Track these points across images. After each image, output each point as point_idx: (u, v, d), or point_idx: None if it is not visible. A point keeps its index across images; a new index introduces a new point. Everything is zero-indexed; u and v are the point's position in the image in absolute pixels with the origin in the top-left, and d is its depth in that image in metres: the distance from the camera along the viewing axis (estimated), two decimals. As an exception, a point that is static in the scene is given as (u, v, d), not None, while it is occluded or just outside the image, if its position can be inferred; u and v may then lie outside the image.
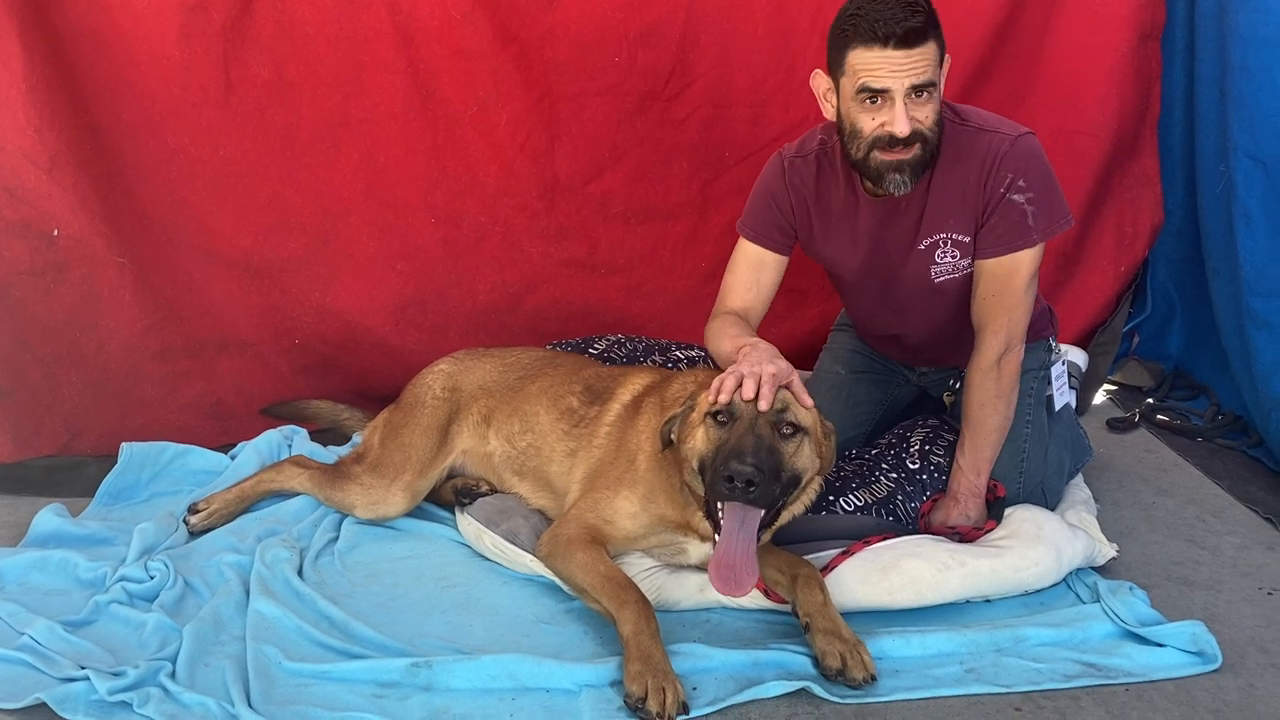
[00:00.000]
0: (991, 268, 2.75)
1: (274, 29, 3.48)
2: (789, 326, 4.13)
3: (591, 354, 3.59)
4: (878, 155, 2.64)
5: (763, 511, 2.40)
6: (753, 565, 2.38)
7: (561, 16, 3.72)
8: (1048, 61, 3.94)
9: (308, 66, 3.54)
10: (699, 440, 2.47)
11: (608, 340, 3.71)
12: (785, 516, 2.62)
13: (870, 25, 2.52)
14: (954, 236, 2.79)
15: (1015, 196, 2.69)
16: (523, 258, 3.94)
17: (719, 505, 2.41)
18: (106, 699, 2.25)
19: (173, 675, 2.34)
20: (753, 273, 2.96)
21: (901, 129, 2.57)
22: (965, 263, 2.81)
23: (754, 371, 2.42)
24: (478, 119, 3.73)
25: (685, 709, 2.22)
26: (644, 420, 2.79)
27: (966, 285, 2.83)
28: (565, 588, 2.66)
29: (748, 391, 2.39)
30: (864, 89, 2.58)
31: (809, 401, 2.48)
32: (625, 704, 2.23)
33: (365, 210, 3.73)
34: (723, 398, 2.42)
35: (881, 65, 2.54)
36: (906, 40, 2.51)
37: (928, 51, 2.54)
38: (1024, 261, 2.72)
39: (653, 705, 2.19)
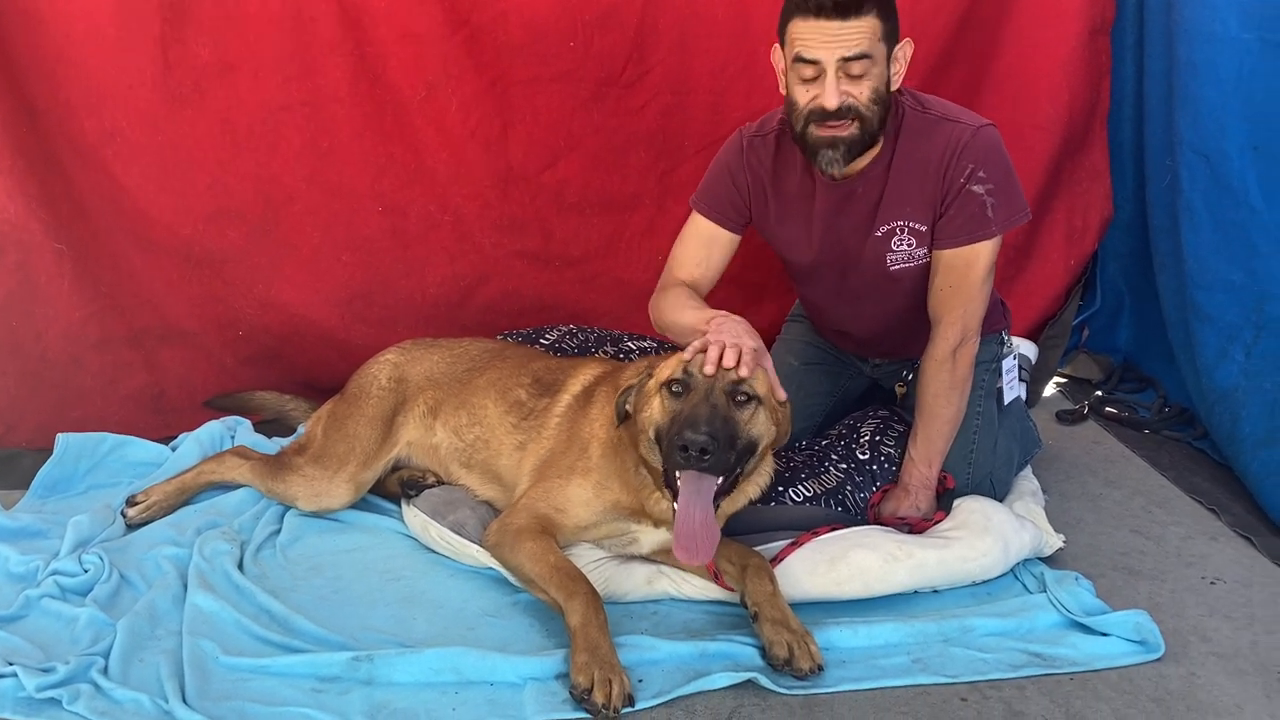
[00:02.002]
0: (949, 258, 2.74)
1: (213, 7, 3.38)
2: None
3: (542, 345, 3.55)
4: (813, 130, 2.63)
5: (719, 480, 2.40)
6: (713, 532, 2.40)
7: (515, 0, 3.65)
8: (1002, 54, 3.94)
9: (249, 47, 3.44)
10: (655, 410, 2.46)
11: (559, 331, 3.67)
12: (740, 500, 2.63)
13: None
14: (911, 224, 2.78)
15: (975, 187, 2.68)
16: (474, 249, 3.87)
17: (676, 474, 2.40)
18: (34, 696, 2.19)
19: (105, 671, 2.29)
20: (704, 249, 2.94)
21: (830, 101, 2.55)
22: (921, 252, 2.80)
23: (734, 343, 2.42)
24: (427, 104, 3.65)
25: (631, 701, 2.20)
26: (596, 409, 2.77)
27: (922, 275, 2.82)
28: (512, 578, 2.63)
29: (729, 359, 2.39)
30: (798, 59, 2.57)
31: (782, 394, 2.50)
32: (571, 695, 2.21)
33: (309, 198, 3.64)
34: (709, 368, 2.39)
35: (814, 35, 2.53)
36: (840, 10, 2.49)
37: (864, 24, 2.52)
38: (982, 253, 2.72)
39: (598, 697, 2.17)
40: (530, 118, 3.80)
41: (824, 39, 2.52)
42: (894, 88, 2.67)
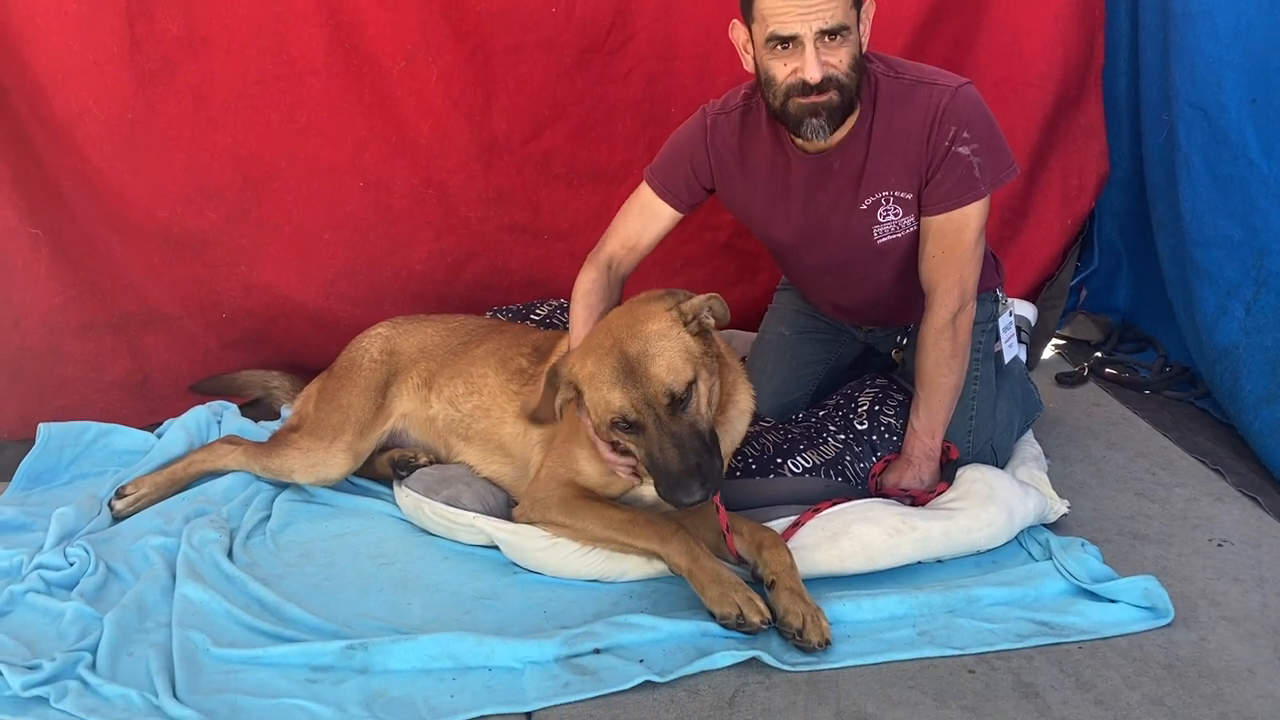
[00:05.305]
0: (940, 224, 2.67)
1: (181, -21, 3.28)
2: (740, 291, 4.03)
3: (534, 320, 3.50)
4: (795, 101, 2.55)
5: None
6: None
7: (494, -35, 3.53)
8: (992, 9, 3.85)
9: (220, 20, 3.34)
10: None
11: (549, 306, 3.60)
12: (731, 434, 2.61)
13: None
14: (896, 194, 2.70)
15: (961, 149, 2.60)
16: (460, 223, 3.78)
17: None
18: (20, 694, 2.14)
19: (93, 666, 2.23)
20: (641, 220, 2.89)
21: (813, 75, 2.48)
22: (909, 221, 2.72)
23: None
24: (406, 74, 3.54)
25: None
26: None
27: (910, 246, 2.75)
28: (576, 541, 2.57)
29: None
30: (773, 36, 2.49)
31: (689, 304, 2.44)
32: (724, 627, 2.30)
33: (288, 175, 3.55)
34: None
35: (788, 10, 2.44)
36: None
37: None
38: (972, 215, 2.65)
39: (754, 617, 2.27)
40: (514, 86, 3.71)
41: (799, 12, 2.43)
42: (863, 50, 2.60)
